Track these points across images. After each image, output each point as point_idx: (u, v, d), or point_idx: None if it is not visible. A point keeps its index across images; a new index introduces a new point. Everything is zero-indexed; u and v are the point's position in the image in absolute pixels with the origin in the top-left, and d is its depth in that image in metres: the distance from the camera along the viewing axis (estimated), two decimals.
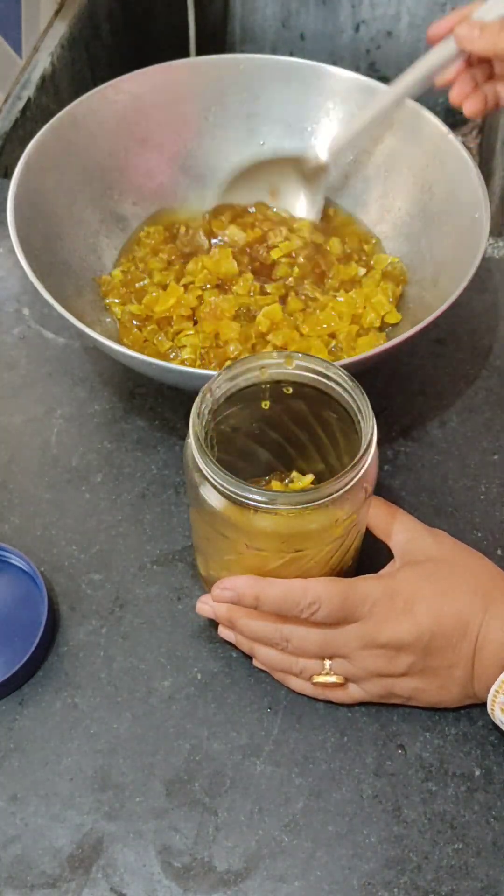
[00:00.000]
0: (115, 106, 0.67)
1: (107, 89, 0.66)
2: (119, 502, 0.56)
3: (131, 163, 0.68)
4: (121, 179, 0.68)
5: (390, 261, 0.65)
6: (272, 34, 1.07)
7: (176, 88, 0.69)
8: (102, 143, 0.66)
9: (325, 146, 0.68)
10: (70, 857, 0.43)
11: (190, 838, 0.43)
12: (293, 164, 0.68)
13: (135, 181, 0.69)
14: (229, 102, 0.70)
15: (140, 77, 0.67)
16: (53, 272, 0.59)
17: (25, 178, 0.59)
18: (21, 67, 0.85)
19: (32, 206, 0.59)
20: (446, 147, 0.62)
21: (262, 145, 0.71)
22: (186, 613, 0.51)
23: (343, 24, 1.04)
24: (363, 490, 0.41)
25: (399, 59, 1.05)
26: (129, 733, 0.47)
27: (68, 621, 0.51)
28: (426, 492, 0.56)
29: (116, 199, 0.68)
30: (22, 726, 0.47)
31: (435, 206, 0.63)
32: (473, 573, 0.44)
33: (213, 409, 0.42)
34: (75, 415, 0.61)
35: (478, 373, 0.63)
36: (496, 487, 0.56)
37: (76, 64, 0.92)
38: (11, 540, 0.54)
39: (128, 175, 0.68)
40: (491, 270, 0.69)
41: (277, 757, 0.46)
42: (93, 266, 0.64)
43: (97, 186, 0.66)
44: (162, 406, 0.61)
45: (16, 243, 0.55)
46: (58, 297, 0.53)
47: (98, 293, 0.63)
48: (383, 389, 0.62)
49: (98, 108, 0.66)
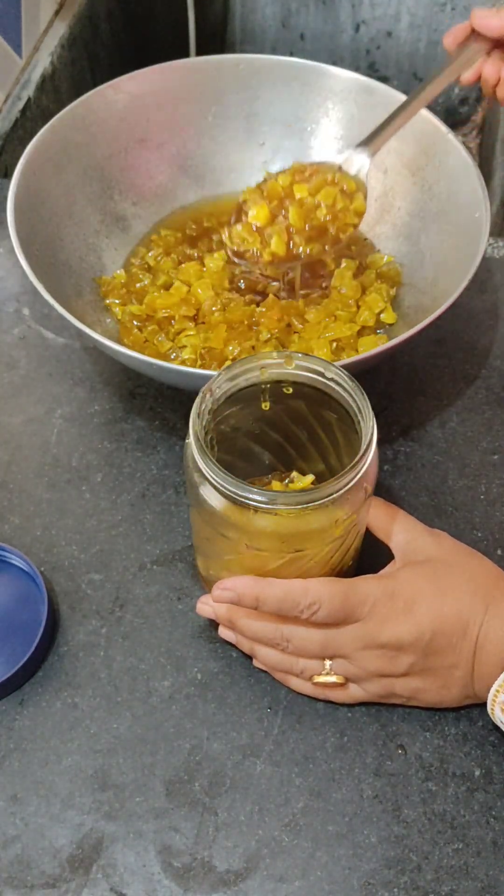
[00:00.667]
0: (116, 106, 0.67)
1: (107, 89, 0.66)
2: (119, 502, 0.56)
3: (131, 163, 0.68)
4: (121, 179, 0.68)
5: (385, 260, 0.65)
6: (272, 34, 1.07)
7: (176, 88, 0.69)
8: (103, 142, 0.67)
9: (336, 151, 0.67)
10: (70, 857, 0.43)
11: (190, 838, 0.43)
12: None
13: (135, 181, 0.69)
14: (229, 102, 0.70)
15: (140, 77, 0.68)
16: (53, 272, 0.59)
17: (26, 177, 0.59)
18: (21, 67, 0.85)
19: (32, 205, 0.59)
20: (446, 147, 0.62)
21: (262, 145, 0.71)
22: (186, 613, 0.51)
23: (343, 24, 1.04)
24: (363, 490, 0.41)
25: (399, 59, 1.05)
26: (129, 733, 0.47)
27: (68, 621, 0.51)
28: (426, 492, 0.56)
29: (116, 199, 0.68)
30: (22, 726, 0.47)
31: (435, 205, 0.63)
32: (474, 573, 0.44)
33: (213, 409, 0.42)
34: (75, 415, 0.61)
35: (478, 373, 0.63)
36: (496, 487, 0.56)
37: (76, 64, 0.92)
38: (11, 540, 0.54)
39: (128, 175, 0.68)
40: (491, 271, 0.69)
41: (277, 757, 0.46)
42: (93, 266, 0.64)
43: (97, 186, 0.66)
44: (162, 406, 0.61)
45: (16, 243, 0.55)
46: (58, 297, 0.53)
47: (98, 293, 0.63)
48: (383, 389, 0.62)
49: (98, 107, 0.66)
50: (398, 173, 0.66)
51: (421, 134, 0.64)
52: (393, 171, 0.67)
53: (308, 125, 0.70)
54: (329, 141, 0.70)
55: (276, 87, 0.69)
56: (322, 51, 1.07)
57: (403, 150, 0.66)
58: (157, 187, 0.70)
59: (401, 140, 0.66)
